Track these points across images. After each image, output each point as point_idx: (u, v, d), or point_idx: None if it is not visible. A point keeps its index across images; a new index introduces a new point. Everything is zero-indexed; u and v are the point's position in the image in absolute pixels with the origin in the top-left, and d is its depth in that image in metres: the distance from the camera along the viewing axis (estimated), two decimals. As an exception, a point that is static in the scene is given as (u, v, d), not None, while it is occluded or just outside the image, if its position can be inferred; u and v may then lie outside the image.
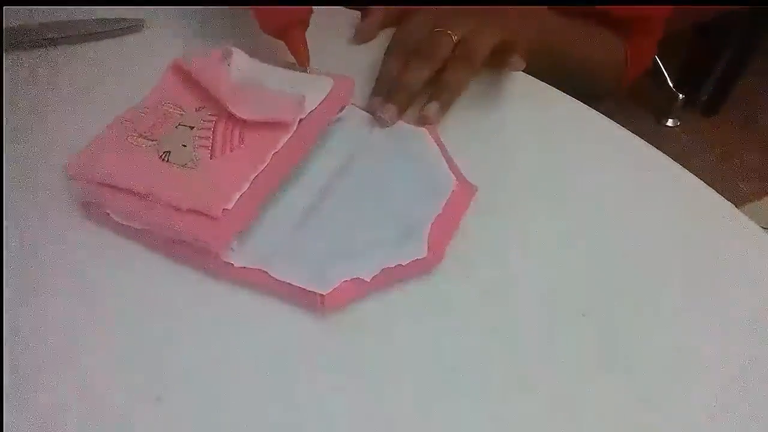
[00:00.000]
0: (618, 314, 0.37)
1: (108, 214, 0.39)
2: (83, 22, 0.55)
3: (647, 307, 0.38)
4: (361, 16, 0.55)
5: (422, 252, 0.38)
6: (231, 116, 0.41)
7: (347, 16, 0.57)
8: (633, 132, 0.47)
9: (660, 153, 0.45)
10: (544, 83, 0.50)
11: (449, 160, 0.43)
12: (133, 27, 0.55)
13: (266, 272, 0.37)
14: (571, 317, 0.37)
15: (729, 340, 0.37)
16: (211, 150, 0.40)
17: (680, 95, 1.64)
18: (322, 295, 0.36)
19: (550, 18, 0.56)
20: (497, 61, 0.47)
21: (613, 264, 0.40)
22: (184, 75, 0.44)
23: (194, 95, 0.43)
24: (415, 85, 0.46)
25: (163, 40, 0.54)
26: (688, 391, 0.35)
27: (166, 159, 0.39)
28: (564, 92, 0.50)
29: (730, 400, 0.34)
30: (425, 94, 0.46)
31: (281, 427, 0.33)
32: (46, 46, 0.53)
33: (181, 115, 0.42)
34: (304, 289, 0.36)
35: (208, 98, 0.42)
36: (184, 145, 0.40)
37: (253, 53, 0.46)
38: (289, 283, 0.36)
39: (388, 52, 0.49)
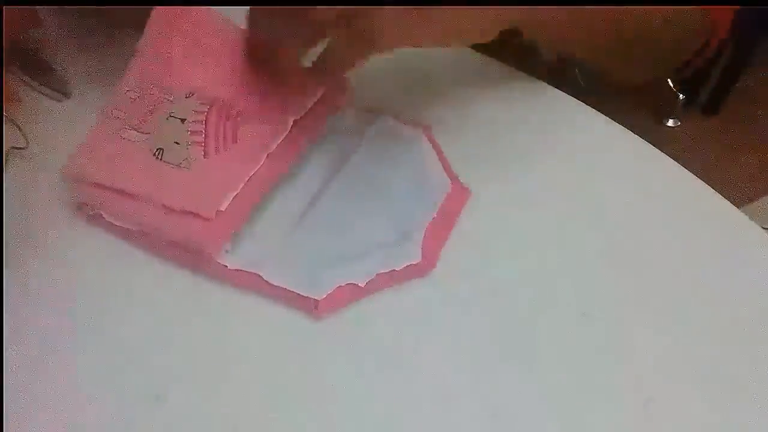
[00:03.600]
0: (618, 314, 0.37)
1: (101, 215, 0.39)
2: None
3: (647, 307, 0.38)
4: None
5: (416, 257, 0.38)
6: (223, 105, 0.40)
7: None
8: (633, 132, 0.47)
9: (660, 153, 0.45)
10: (543, 82, 0.50)
11: (444, 163, 0.43)
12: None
13: (260, 276, 0.37)
14: (571, 317, 0.37)
15: (729, 340, 0.37)
16: (205, 148, 0.39)
17: (680, 95, 1.64)
18: (316, 300, 0.36)
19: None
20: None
21: (613, 264, 0.40)
22: (166, 36, 0.42)
23: (179, 72, 0.41)
24: None
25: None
26: (688, 391, 0.34)
27: (159, 157, 0.39)
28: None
29: (730, 400, 0.34)
30: None
31: (280, 427, 0.33)
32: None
33: (171, 102, 0.41)
34: (299, 294, 0.36)
35: (196, 79, 0.41)
36: (177, 143, 0.39)
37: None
38: (283, 288, 0.36)
39: None
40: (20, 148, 0.43)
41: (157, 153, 0.39)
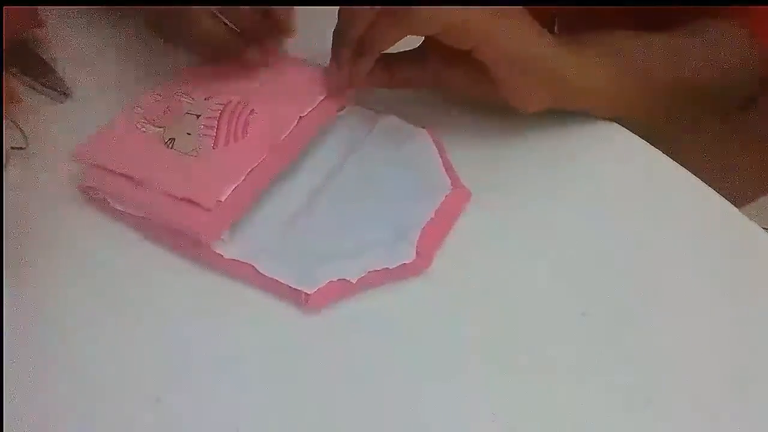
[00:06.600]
0: (618, 314, 0.37)
1: (107, 200, 0.40)
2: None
3: (646, 307, 0.38)
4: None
5: (410, 256, 0.38)
6: (238, 104, 0.41)
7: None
8: (633, 132, 0.47)
9: (660, 153, 0.45)
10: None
11: (446, 163, 0.43)
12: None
13: (254, 267, 0.37)
14: (571, 317, 0.37)
15: (729, 340, 0.37)
16: (215, 139, 0.40)
17: (680, 95, 1.64)
18: (307, 294, 0.36)
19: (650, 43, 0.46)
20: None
21: (613, 264, 0.40)
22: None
23: (207, 84, 0.44)
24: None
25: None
26: (688, 391, 0.34)
27: (170, 146, 0.40)
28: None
29: (730, 400, 0.34)
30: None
31: (279, 427, 0.33)
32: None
33: (190, 103, 0.42)
34: (290, 286, 0.36)
35: (219, 88, 0.43)
36: (189, 133, 0.40)
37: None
38: (275, 280, 0.36)
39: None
40: (20, 148, 0.43)
41: (168, 142, 0.40)
